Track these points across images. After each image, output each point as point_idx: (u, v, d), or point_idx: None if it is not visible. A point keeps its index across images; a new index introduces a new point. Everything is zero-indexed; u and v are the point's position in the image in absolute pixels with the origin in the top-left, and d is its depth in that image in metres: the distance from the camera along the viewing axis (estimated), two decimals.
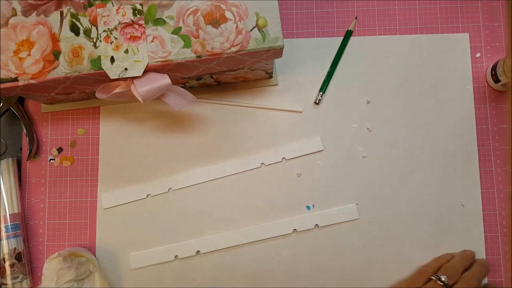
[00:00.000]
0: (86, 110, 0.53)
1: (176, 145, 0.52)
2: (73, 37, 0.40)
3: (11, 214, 0.51)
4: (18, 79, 0.40)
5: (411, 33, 0.53)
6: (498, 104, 0.52)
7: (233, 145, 0.52)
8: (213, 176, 0.52)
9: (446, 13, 0.53)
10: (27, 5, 0.41)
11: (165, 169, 0.52)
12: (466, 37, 0.53)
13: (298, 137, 0.52)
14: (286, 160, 0.51)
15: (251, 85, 0.52)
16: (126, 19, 0.40)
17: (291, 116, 0.52)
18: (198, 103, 0.52)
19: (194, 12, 0.40)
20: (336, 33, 0.53)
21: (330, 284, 0.50)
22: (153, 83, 0.40)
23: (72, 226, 0.52)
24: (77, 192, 0.52)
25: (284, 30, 0.53)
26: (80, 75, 0.40)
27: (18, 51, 0.40)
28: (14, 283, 0.49)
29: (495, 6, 0.53)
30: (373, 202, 0.51)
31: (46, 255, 0.52)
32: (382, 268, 0.50)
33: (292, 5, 0.54)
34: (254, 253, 0.50)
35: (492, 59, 0.52)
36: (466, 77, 0.52)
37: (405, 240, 0.50)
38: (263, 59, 0.42)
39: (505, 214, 0.50)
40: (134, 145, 0.53)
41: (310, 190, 0.51)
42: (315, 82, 0.52)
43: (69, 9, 0.40)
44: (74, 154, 0.53)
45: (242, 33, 0.40)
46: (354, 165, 0.51)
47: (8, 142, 0.54)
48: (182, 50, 0.40)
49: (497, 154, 0.51)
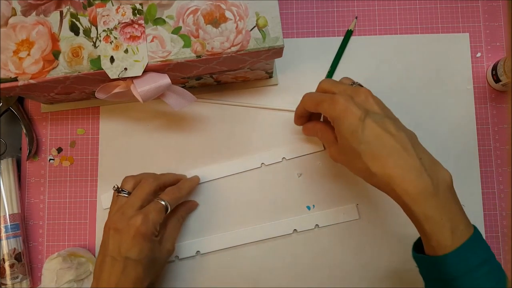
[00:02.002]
0: (85, 110, 0.53)
1: (176, 145, 0.52)
2: (73, 37, 0.40)
3: (11, 214, 0.51)
4: (18, 79, 0.40)
5: (411, 33, 0.53)
6: (499, 104, 0.52)
7: (233, 145, 0.52)
8: (213, 177, 0.51)
9: (446, 13, 0.53)
10: (27, 5, 0.40)
11: (165, 169, 0.52)
12: (466, 37, 0.52)
13: (298, 137, 0.52)
14: (287, 160, 0.51)
15: (251, 85, 0.52)
16: (126, 19, 0.40)
17: (291, 116, 0.52)
18: (198, 103, 0.52)
19: (194, 11, 0.40)
20: (336, 33, 0.53)
21: (330, 284, 0.50)
22: (153, 83, 0.40)
23: (71, 226, 0.52)
24: (77, 192, 0.52)
25: (284, 30, 0.53)
26: (80, 75, 0.40)
27: (18, 51, 0.40)
28: (14, 283, 0.49)
29: (495, 6, 0.53)
30: (373, 202, 0.50)
31: (45, 255, 0.52)
32: (382, 268, 0.50)
33: (292, 5, 0.54)
34: (254, 253, 0.50)
35: (493, 59, 0.52)
36: (467, 77, 0.52)
37: (405, 240, 0.50)
38: (263, 59, 0.42)
39: (506, 214, 0.50)
40: (134, 145, 0.52)
41: (310, 190, 0.51)
42: (315, 82, 0.52)
43: (69, 9, 0.40)
44: (73, 154, 0.53)
45: (242, 32, 0.40)
46: None
47: (8, 142, 0.54)
48: (182, 50, 0.40)
49: (498, 154, 0.51)
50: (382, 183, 0.37)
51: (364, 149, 0.37)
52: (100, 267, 0.41)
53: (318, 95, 0.42)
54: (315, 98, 0.42)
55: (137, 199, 0.42)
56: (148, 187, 0.43)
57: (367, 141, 0.36)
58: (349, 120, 0.37)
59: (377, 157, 0.36)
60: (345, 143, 0.38)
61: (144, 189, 0.43)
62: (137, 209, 0.42)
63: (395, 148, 0.36)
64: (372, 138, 0.36)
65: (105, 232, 0.42)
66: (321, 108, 0.40)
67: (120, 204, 0.43)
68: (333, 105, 0.38)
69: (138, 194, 0.43)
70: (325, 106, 0.39)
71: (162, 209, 0.43)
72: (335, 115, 0.38)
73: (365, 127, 0.36)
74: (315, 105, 0.41)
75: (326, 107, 0.39)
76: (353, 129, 0.37)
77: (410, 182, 0.35)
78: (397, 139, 0.36)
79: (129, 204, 0.42)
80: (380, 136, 0.36)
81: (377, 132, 0.36)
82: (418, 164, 0.35)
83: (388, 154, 0.36)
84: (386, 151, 0.36)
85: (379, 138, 0.36)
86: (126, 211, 0.41)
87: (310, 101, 0.42)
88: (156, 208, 0.42)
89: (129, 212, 0.41)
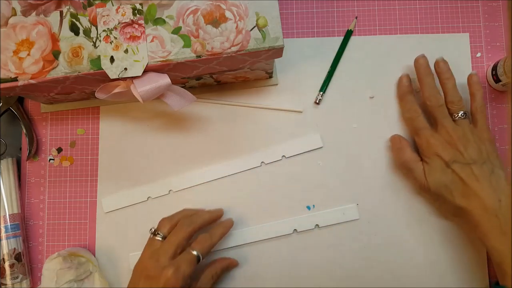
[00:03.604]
0: (85, 110, 0.53)
1: (176, 145, 0.52)
2: (73, 37, 0.40)
3: (11, 214, 0.51)
4: (18, 79, 0.40)
5: (411, 33, 0.53)
6: (499, 104, 0.52)
7: (233, 145, 0.52)
8: (213, 177, 0.51)
9: (446, 13, 0.53)
10: (27, 5, 0.40)
11: (165, 169, 0.52)
12: (466, 37, 0.52)
13: (298, 137, 0.52)
14: (286, 158, 0.51)
15: (251, 85, 0.52)
16: (126, 19, 0.40)
17: (291, 116, 0.52)
18: (198, 103, 0.52)
19: (194, 11, 0.40)
20: (336, 33, 0.53)
21: (330, 284, 0.50)
22: (152, 83, 0.40)
23: (71, 227, 0.52)
24: (77, 192, 0.52)
25: (284, 30, 0.53)
26: (80, 75, 0.40)
27: (18, 51, 0.40)
28: (14, 283, 0.49)
29: (495, 6, 0.53)
30: (373, 202, 0.50)
31: (45, 255, 0.52)
32: (382, 268, 0.50)
33: (292, 5, 0.54)
34: (254, 253, 0.50)
35: (493, 59, 0.52)
36: (466, 77, 0.52)
37: (405, 240, 0.50)
38: (263, 59, 0.42)
39: None
40: (134, 145, 0.52)
41: (310, 191, 0.51)
42: (315, 82, 0.52)
43: (69, 9, 0.40)
44: (73, 154, 0.53)
45: (242, 32, 0.40)
46: (354, 165, 0.51)
47: (8, 142, 0.54)
48: (182, 50, 0.40)
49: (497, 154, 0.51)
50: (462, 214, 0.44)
51: (452, 190, 0.44)
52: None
53: (421, 126, 0.47)
54: (418, 125, 0.47)
55: (171, 246, 0.43)
56: (182, 234, 0.44)
57: (454, 182, 0.44)
58: (438, 162, 0.45)
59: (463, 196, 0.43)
60: (435, 177, 0.45)
61: (179, 236, 0.43)
62: (171, 256, 0.42)
63: (477, 193, 0.42)
64: (457, 181, 0.43)
65: (136, 275, 0.43)
66: (417, 137, 0.47)
67: (154, 248, 0.43)
68: (427, 145, 0.46)
69: (172, 241, 0.43)
70: (422, 141, 0.47)
71: (193, 261, 0.43)
72: (427, 155, 0.46)
73: (452, 172, 0.44)
74: (414, 130, 0.48)
75: (422, 142, 0.46)
76: (443, 170, 0.44)
77: (485, 221, 0.41)
78: (481, 184, 0.42)
79: (163, 251, 0.42)
80: (464, 181, 0.43)
81: (462, 177, 0.43)
82: (496, 207, 0.41)
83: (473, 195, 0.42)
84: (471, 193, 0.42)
85: (464, 183, 0.43)
86: (160, 259, 0.42)
87: (413, 123, 0.48)
88: (188, 259, 0.42)
89: (162, 260, 0.42)
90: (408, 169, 0.47)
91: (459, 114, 0.45)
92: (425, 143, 0.46)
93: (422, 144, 0.46)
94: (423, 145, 0.46)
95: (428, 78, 0.47)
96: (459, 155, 0.44)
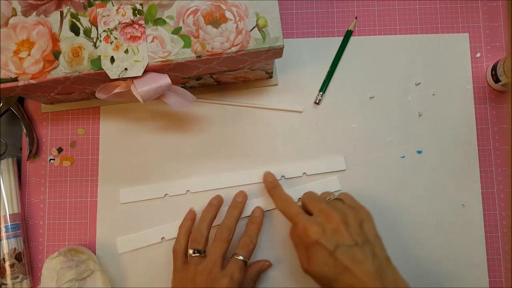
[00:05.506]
0: (86, 110, 0.53)
1: (176, 145, 0.52)
2: (73, 37, 0.40)
3: (11, 214, 0.51)
4: (18, 79, 0.40)
5: (411, 33, 0.53)
6: (498, 104, 0.52)
7: (233, 145, 0.52)
8: (218, 186, 0.51)
9: (446, 13, 0.53)
10: (27, 5, 0.40)
11: (165, 169, 0.52)
12: (466, 37, 0.53)
13: (298, 137, 0.52)
14: (307, 175, 0.51)
15: (251, 85, 0.52)
16: (126, 19, 0.40)
17: (291, 116, 0.52)
18: (198, 103, 0.52)
19: (194, 12, 0.40)
20: (336, 33, 0.53)
21: None
22: (153, 83, 0.40)
23: (72, 226, 0.52)
24: (77, 192, 0.52)
25: (284, 30, 0.53)
26: (80, 75, 0.40)
27: (18, 51, 0.40)
28: (14, 283, 0.49)
29: (495, 6, 0.53)
30: (373, 202, 0.50)
31: (46, 255, 0.52)
32: None
33: (292, 5, 0.54)
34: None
35: (492, 59, 0.52)
36: (466, 77, 0.52)
37: (405, 240, 0.50)
38: (263, 59, 0.42)
39: (505, 214, 0.50)
40: (134, 145, 0.53)
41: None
42: (315, 82, 0.52)
43: (69, 9, 0.40)
44: (74, 154, 0.53)
45: (242, 33, 0.40)
46: (354, 165, 0.51)
47: (8, 142, 0.54)
48: (182, 50, 0.40)
49: (497, 154, 0.51)
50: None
51: (335, 279, 0.40)
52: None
53: (295, 212, 0.43)
54: (291, 212, 0.44)
55: (219, 257, 0.43)
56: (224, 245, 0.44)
57: (337, 273, 0.39)
58: (321, 253, 0.40)
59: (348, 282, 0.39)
60: (317, 269, 0.40)
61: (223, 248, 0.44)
62: (221, 267, 0.43)
63: (361, 278, 0.38)
64: (341, 270, 0.39)
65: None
66: (295, 226, 0.43)
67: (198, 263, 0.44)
68: (305, 233, 0.41)
69: (218, 252, 0.44)
70: (299, 229, 0.42)
71: (243, 266, 0.44)
72: (307, 243, 0.41)
73: (336, 260, 0.39)
74: (290, 219, 0.44)
75: (300, 230, 0.41)
76: (325, 262, 0.40)
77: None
78: (365, 268, 0.39)
79: (212, 263, 0.43)
80: (348, 268, 0.39)
81: (346, 264, 0.39)
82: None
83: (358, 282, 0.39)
84: (355, 281, 0.39)
85: (347, 270, 0.39)
86: (213, 270, 0.42)
87: (287, 211, 0.44)
88: (238, 266, 0.43)
89: (215, 272, 0.42)
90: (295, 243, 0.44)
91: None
92: (303, 230, 0.41)
93: (300, 232, 0.42)
94: (301, 233, 0.41)
95: (277, 189, 0.48)
96: (341, 238, 0.40)
